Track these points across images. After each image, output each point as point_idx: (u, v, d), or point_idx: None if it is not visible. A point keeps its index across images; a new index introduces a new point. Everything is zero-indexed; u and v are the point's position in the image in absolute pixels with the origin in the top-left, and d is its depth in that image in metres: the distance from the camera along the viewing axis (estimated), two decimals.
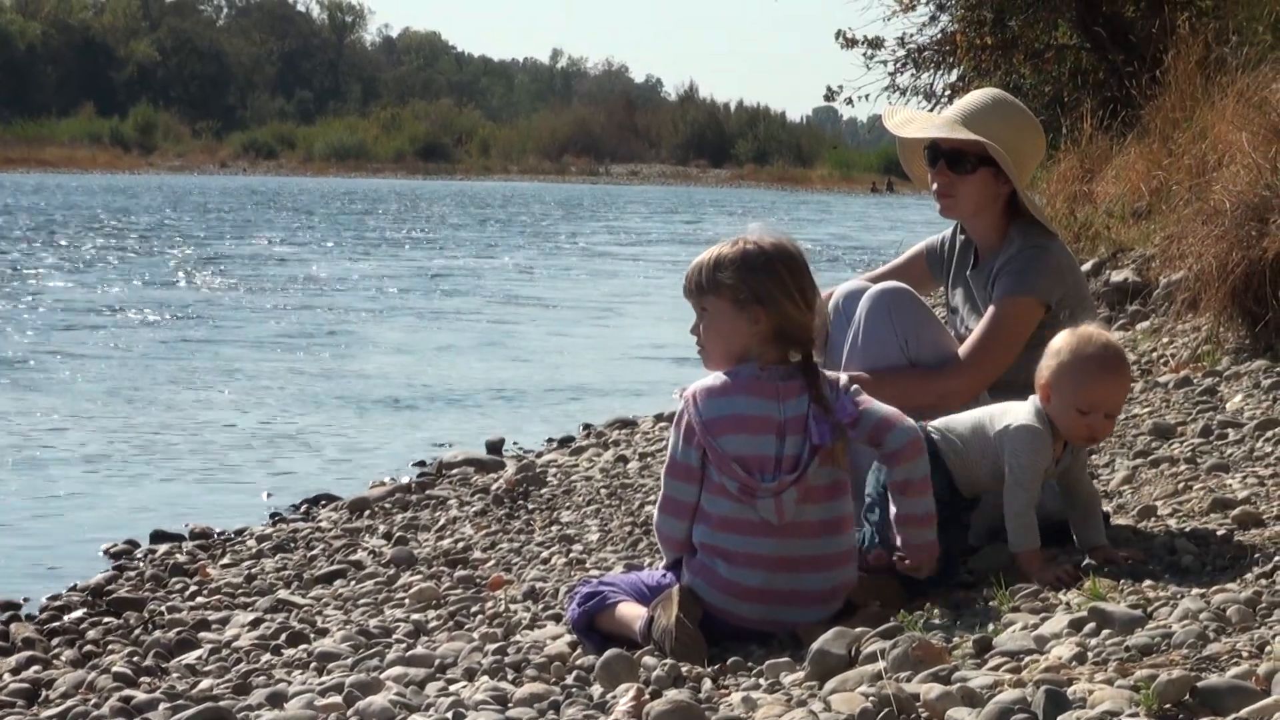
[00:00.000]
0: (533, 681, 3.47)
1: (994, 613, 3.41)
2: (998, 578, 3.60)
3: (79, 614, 5.05)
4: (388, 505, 6.42)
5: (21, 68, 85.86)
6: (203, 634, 4.58)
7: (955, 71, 15.37)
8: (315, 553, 5.70)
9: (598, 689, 3.32)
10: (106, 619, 4.96)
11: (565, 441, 8.16)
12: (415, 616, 4.43)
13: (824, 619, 3.56)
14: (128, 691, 3.84)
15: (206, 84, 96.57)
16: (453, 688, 3.53)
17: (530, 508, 6.03)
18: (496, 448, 8.06)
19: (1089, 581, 3.45)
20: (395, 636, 4.22)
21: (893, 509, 3.69)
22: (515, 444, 8.31)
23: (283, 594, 5.03)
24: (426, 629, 4.30)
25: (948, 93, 15.15)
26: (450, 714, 3.19)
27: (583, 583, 4.01)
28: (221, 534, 6.35)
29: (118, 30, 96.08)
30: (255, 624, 4.58)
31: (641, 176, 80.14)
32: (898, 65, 15.53)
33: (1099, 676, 2.73)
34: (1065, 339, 3.78)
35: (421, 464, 7.88)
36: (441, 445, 8.49)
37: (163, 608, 5.02)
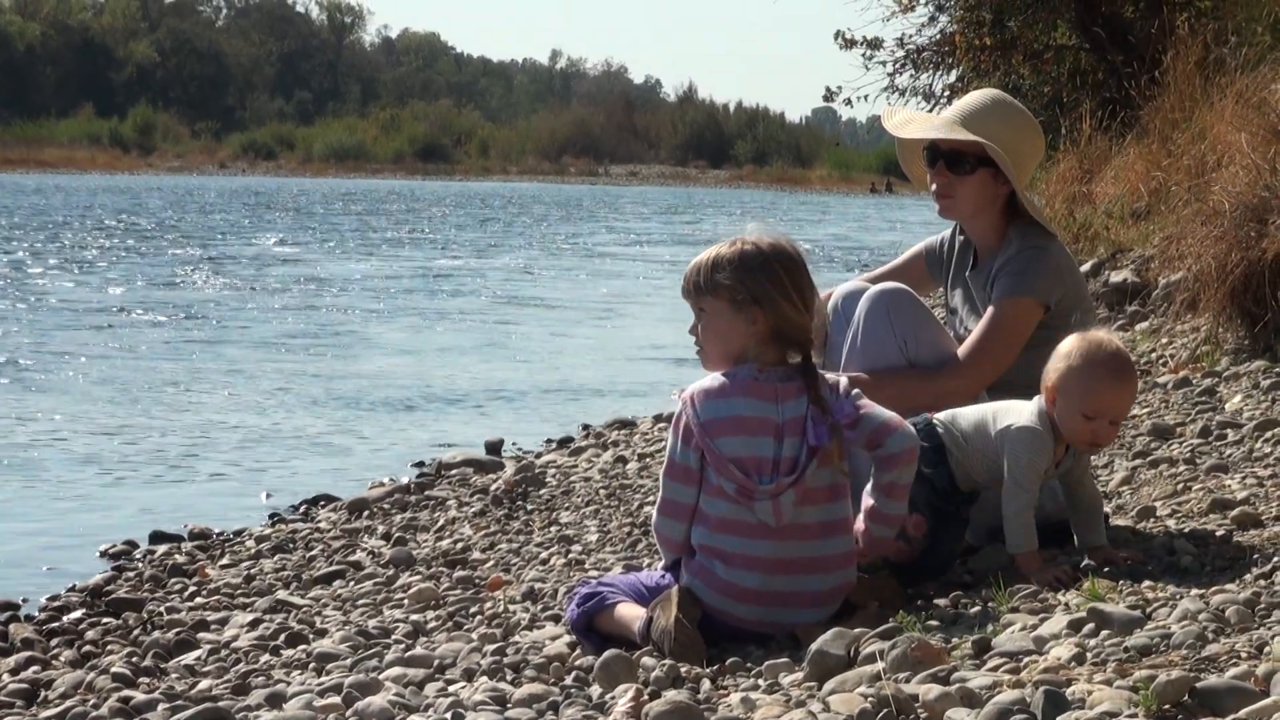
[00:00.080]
0: (532, 682, 3.47)
1: (993, 613, 3.40)
2: (997, 578, 3.60)
3: (78, 614, 5.05)
4: (387, 506, 6.42)
5: (21, 68, 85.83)
6: (202, 634, 4.58)
7: (954, 72, 15.37)
8: (314, 553, 5.70)
9: (597, 689, 3.32)
10: (105, 619, 4.96)
11: (564, 442, 8.16)
12: (414, 617, 4.43)
13: (822, 620, 3.56)
14: (127, 692, 3.84)
15: (205, 85, 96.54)
16: (452, 688, 3.53)
17: (529, 508, 6.03)
18: (495, 448, 8.06)
19: (1088, 582, 3.45)
20: (394, 637, 4.22)
21: (868, 501, 3.70)
22: (514, 445, 8.31)
23: (282, 594, 5.02)
24: (425, 629, 4.30)
25: (947, 93, 15.16)
26: (449, 714, 3.19)
27: (582, 583, 4.01)
28: (220, 534, 6.34)
29: (117, 31, 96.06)
30: (254, 624, 4.58)
31: (641, 177, 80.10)
32: (897, 66, 15.54)
33: (1098, 677, 2.74)
34: (1075, 343, 3.75)
35: (420, 465, 7.87)
36: (440, 446, 8.49)
37: (162, 608, 5.01)
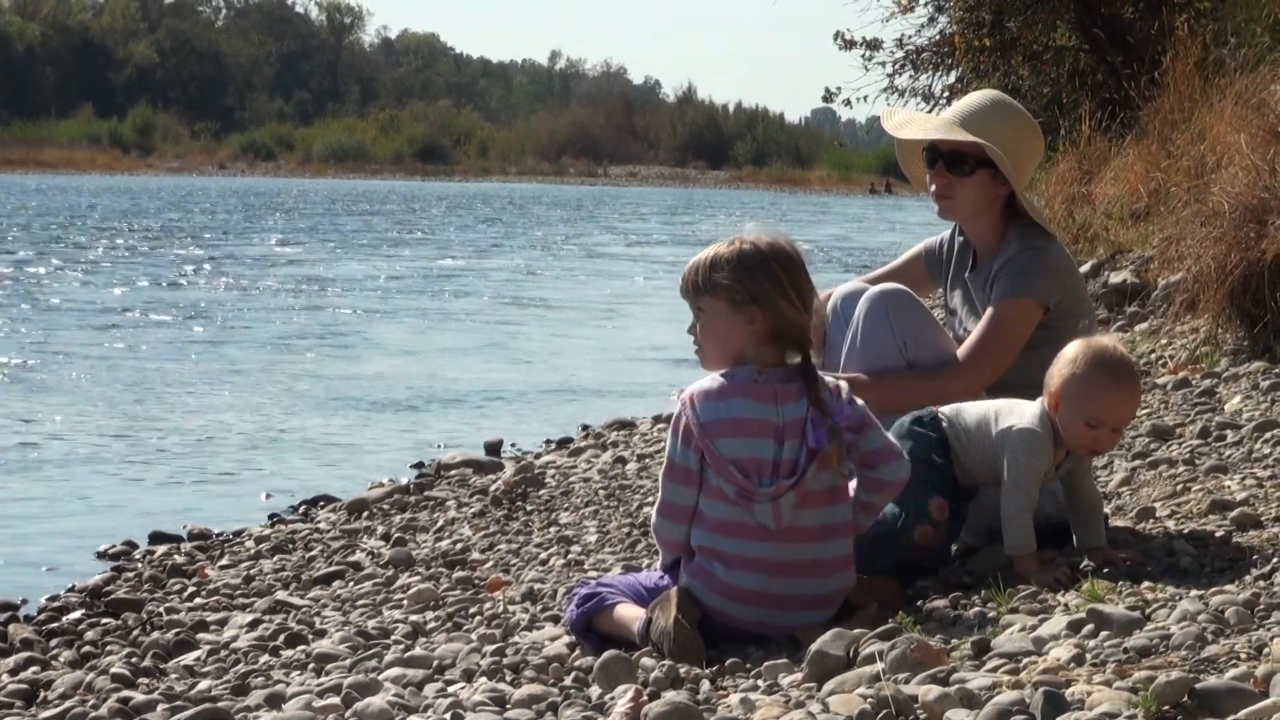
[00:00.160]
0: (531, 683, 3.47)
1: (992, 614, 3.40)
2: (996, 579, 3.60)
3: (77, 615, 5.04)
4: (386, 506, 6.42)
5: (20, 69, 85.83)
6: (201, 635, 4.58)
7: (954, 73, 15.39)
8: (314, 554, 5.69)
9: (596, 690, 3.32)
10: (105, 620, 4.96)
11: (563, 443, 8.16)
12: (413, 618, 4.43)
13: (821, 621, 3.56)
14: (126, 692, 3.84)
15: (205, 85, 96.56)
16: (451, 689, 3.53)
17: (528, 509, 6.03)
18: (495, 449, 8.06)
19: (1087, 583, 3.45)
20: (393, 638, 4.22)
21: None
22: (513, 445, 8.31)
23: (281, 595, 5.02)
24: (425, 630, 4.30)
25: (946, 94, 15.17)
26: (448, 715, 3.19)
27: (581, 584, 4.01)
28: (220, 535, 6.34)
29: (116, 31, 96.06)
30: (253, 625, 4.58)
31: (640, 178, 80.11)
32: (896, 67, 15.56)
33: (1097, 678, 2.74)
34: (1079, 349, 3.72)
35: (420, 465, 7.87)
36: (440, 446, 8.49)
37: (161, 609, 5.01)
